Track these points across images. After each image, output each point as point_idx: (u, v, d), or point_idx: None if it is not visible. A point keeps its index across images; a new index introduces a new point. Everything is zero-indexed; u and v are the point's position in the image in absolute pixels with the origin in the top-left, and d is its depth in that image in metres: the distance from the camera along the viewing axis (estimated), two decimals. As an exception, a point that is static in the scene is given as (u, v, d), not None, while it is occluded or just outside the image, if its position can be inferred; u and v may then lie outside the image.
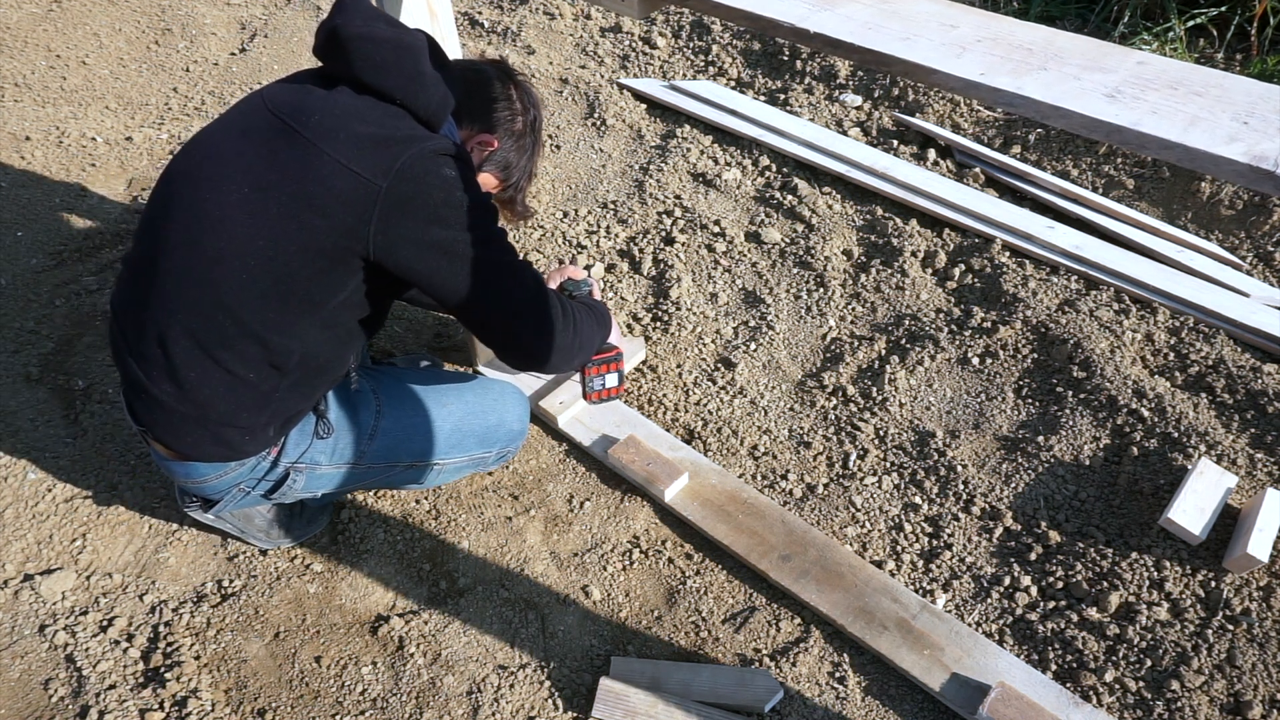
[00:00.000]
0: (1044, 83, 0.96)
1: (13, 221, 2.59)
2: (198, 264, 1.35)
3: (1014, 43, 1.04)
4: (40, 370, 2.16)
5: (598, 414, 2.05)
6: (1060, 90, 0.94)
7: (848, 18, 1.10)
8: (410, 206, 1.30)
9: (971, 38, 1.05)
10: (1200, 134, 0.86)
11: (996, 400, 2.10)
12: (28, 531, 1.83)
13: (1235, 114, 0.89)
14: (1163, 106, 0.90)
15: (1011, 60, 1.00)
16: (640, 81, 3.23)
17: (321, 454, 1.59)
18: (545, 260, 2.52)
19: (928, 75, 1.00)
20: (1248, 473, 1.90)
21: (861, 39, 1.06)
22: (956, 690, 1.55)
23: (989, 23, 1.08)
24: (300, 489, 1.61)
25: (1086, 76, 0.97)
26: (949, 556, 1.80)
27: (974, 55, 1.01)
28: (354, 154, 1.28)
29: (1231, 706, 1.55)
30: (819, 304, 2.37)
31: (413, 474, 1.73)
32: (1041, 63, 1.00)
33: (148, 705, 1.56)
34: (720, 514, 1.83)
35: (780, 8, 1.13)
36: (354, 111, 1.31)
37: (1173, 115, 0.89)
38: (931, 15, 1.10)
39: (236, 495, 1.59)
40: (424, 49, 1.36)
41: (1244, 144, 0.84)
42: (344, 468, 1.63)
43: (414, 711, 1.58)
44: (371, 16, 1.33)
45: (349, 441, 1.61)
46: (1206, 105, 0.90)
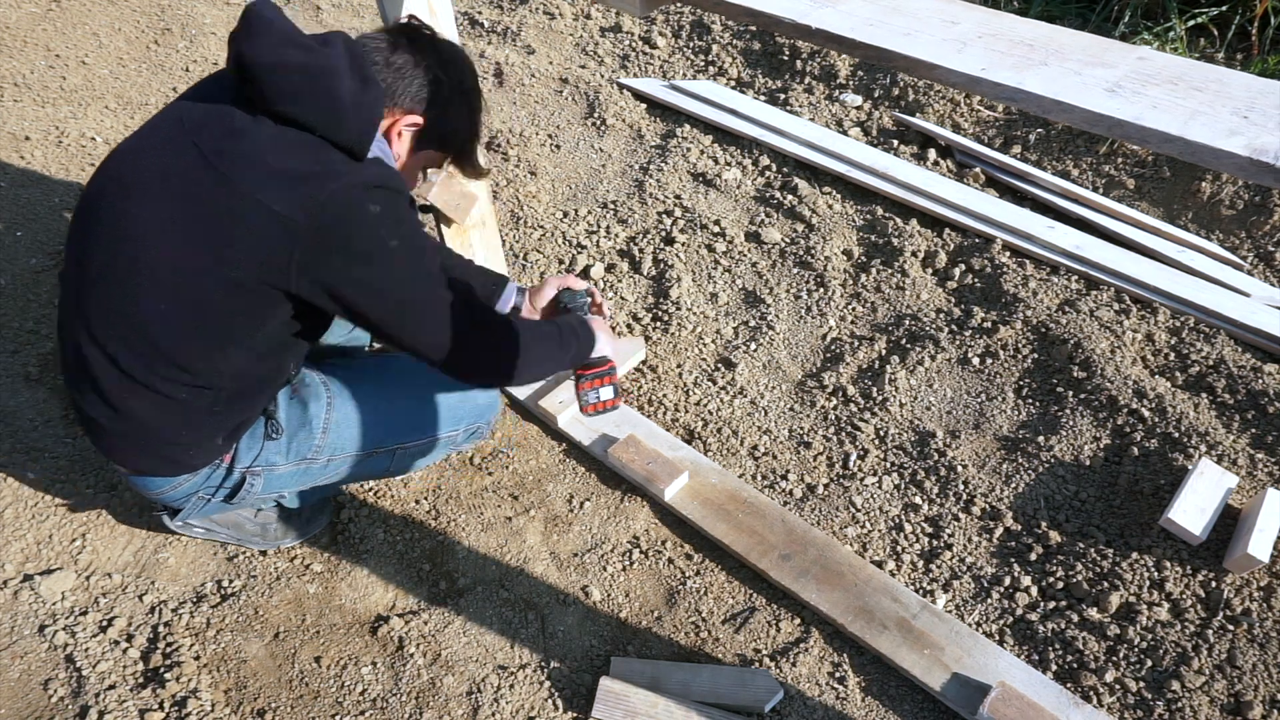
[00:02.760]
0: (1045, 78, 0.96)
1: (13, 221, 2.59)
2: (118, 295, 1.33)
3: (1015, 39, 1.04)
4: (40, 370, 2.16)
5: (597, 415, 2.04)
6: (1062, 85, 0.95)
7: (849, 14, 1.10)
8: (332, 247, 1.25)
9: (973, 34, 1.06)
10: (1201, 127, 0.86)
11: (997, 400, 2.10)
12: (28, 531, 1.82)
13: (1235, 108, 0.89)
14: (1163, 101, 0.91)
15: (1013, 56, 1.01)
16: (640, 81, 3.23)
17: (276, 454, 1.56)
18: (545, 260, 2.52)
19: (930, 71, 1.01)
20: (1248, 473, 1.90)
21: (863, 34, 1.06)
22: (957, 690, 1.55)
23: (990, 19, 1.09)
24: (261, 491, 1.59)
25: (1087, 72, 0.97)
26: (949, 557, 1.80)
27: (975, 51, 1.02)
28: (273, 191, 1.22)
29: (1232, 707, 1.55)
30: (819, 304, 2.36)
31: (377, 462, 1.68)
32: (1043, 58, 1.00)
33: (147, 705, 1.56)
34: (720, 513, 1.83)
35: (781, 4, 1.12)
36: (272, 145, 1.25)
37: (1173, 109, 0.89)
38: (933, 11, 1.10)
39: (197, 503, 1.59)
40: (338, 70, 1.25)
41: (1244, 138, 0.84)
42: (303, 464, 1.60)
43: (414, 711, 1.58)
44: (281, 40, 1.24)
45: (302, 438, 1.58)
46: (1207, 100, 0.91)
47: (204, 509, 1.62)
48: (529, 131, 3.00)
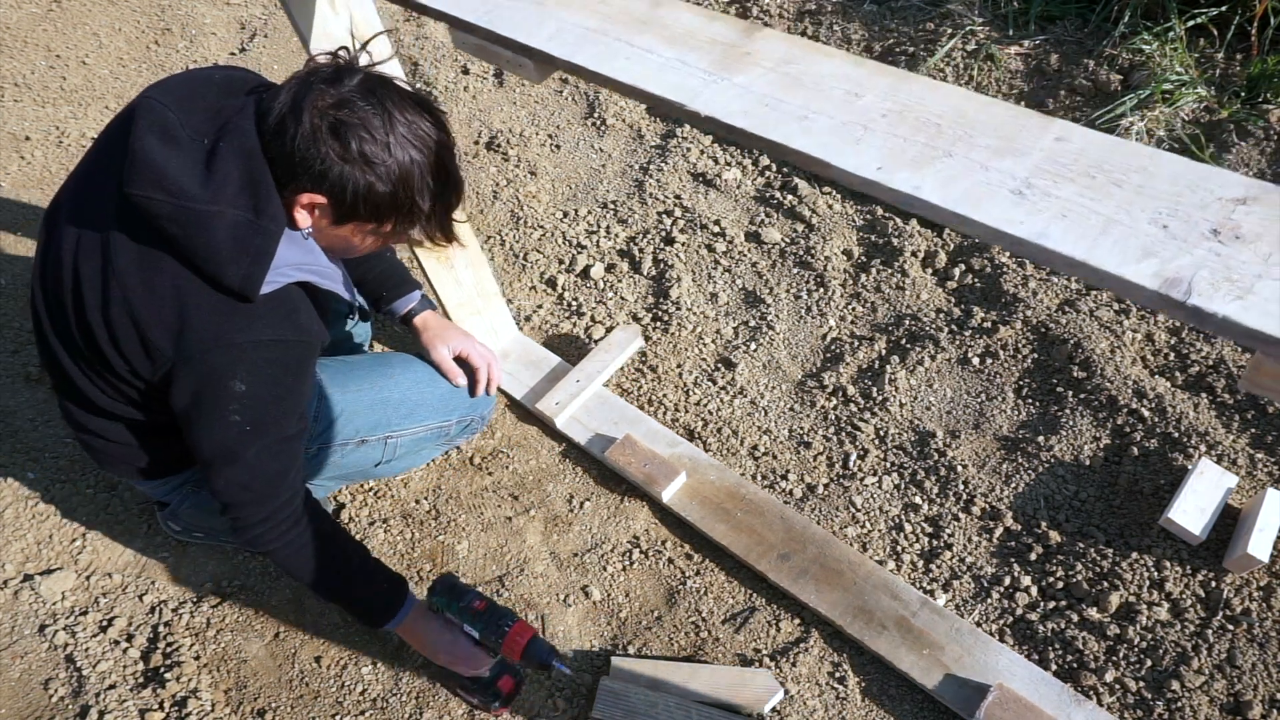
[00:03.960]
0: (946, 176, 0.86)
1: (13, 221, 2.59)
2: (54, 347, 1.35)
3: (922, 117, 0.93)
4: (40, 370, 2.16)
5: (596, 413, 2.04)
6: (963, 187, 0.85)
7: (745, 90, 1.00)
8: (194, 399, 1.24)
9: (876, 111, 0.95)
10: (1110, 246, 0.77)
11: (996, 400, 2.10)
12: (28, 531, 1.82)
13: (1156, 213, 0.79)
14: (1074, 206, 0.81)
15: (915, 143, 0.90)
16: (640, 81, 3.23)
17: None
18: (545, 260, 2.52)
19: (824, 168, 0.91)
20: (1248, 473, 1.90)
21: (757, 123, 0.95)
22: (955, 691, 1.55)
23: (898, 87, 0.98)
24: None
25: (995, 165, 0.87)
26: (949, 556, 1.80)
27: (875, 138, 0.92)
28: (149, 329, 1.20)
29: (1232, 706, 1.55)
30: (819, 304, 2.37)
31: (368, 453, 1.65)
32: (949, 145, 0.89)
33: (148, 705, 1.56)
34: (719, 512, 1.83)
35: (672, 82, 1.03)
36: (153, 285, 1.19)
37: (1084, 219, 0.80)
38: (836, 79, 0.99)
39: (188, 494, 1.61)
40: (210, 217, 1.14)
41: (1157, 260, 0.75)
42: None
43: (414, 711, 1.58)
44: (150, 181, 1.13)
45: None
46: (1125, 200, 0.81)
47: (196, 499, 1.62)
48: (529, 131, 3.00)
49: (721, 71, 1.03)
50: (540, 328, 2.33)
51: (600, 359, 2.12)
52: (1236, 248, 0.75)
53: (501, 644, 1.46)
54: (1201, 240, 0.76)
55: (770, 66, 1.03)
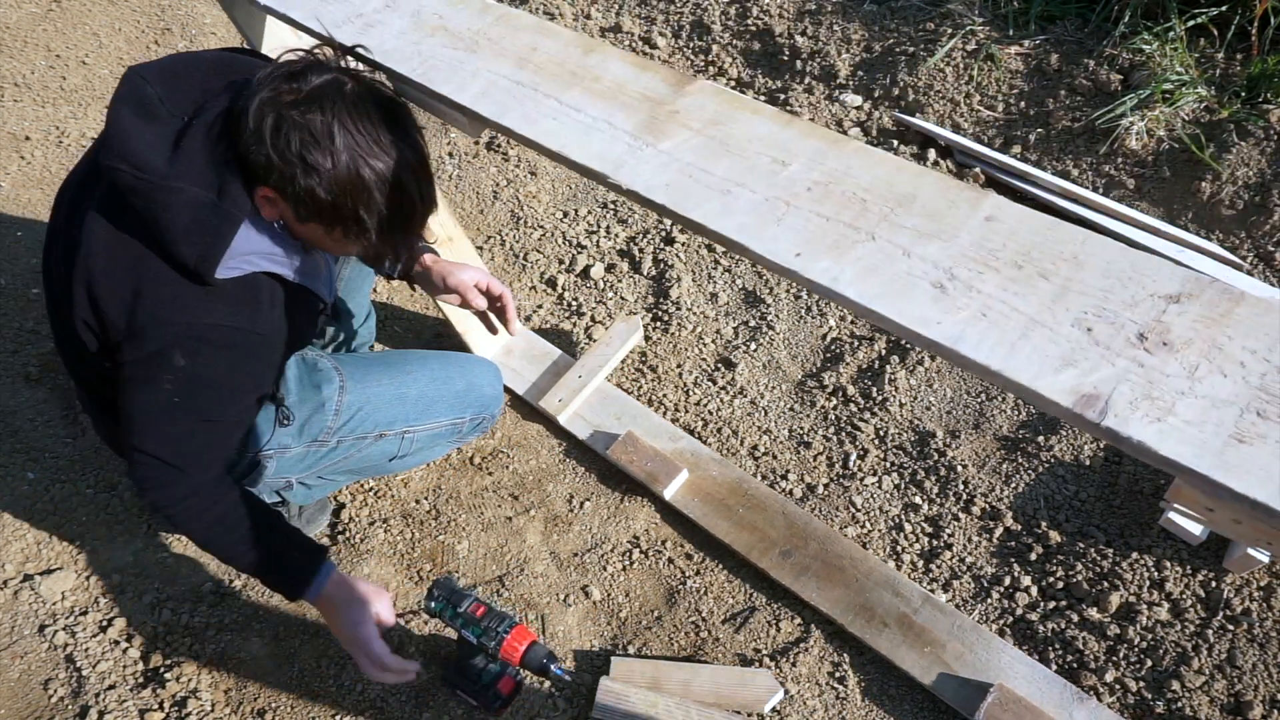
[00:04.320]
0: (867, 266, 0.81)
1: (13, 221, 2.59)
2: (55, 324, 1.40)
3: (848, 191, 0.88)
4: (40, 370, 2.16)
5: (598, 408, 2.04)
6: (883, 279, 0.80)
7: (670, 158, 0.97)
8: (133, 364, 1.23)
9: (802, 183, 0.90)
10: (1029, 353, 0.72)
11: (996, 400, 2.10)
12: (28, 531, 1.82)
13: (1082, 312, 0.73)
14: (995, 304, 0.76)
15: (839, 223, 0.85)
16: (640, 81, 3.23)
17: (288, 437, 1.56)
18: (545, 260, 2.52)
19: (744, 251, 0.88)
20: (1248, 473, 1.90)
21: (678, 198, 0.92)
22: (957, 690, 1.55)
23: (826, 153, 0.93)
24: (273, 473, 1.59)
25: (918, 250, 0.82)
26: (949, 556, 1.80)
27: (797, 217, 0.87)
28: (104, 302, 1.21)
29: (1232, 706, 1.55)
30: (819, 304, 2.36)
31: (385, 447, 1.66)
32: (873, 226, 0.84)
33: (147, 705, 1.56)
34: (721, 509, 1.83)
35: (597, 149, 1.00)
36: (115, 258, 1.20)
37: (1005, 319, 0.75)
38: (765, 145, 0.95)
39: None
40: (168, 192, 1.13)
41: (1077, 371, 0.70)
42: (314, 446, 1.59)
43: (414, 711, 1.58)
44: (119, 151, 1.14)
45: (315, 421, 1.57)
46: (1050, 296, 0.75)
47: None
48: (529, 131, 3.00)
49: (648, 135, 1.00)
50: (540, 327, 2.33)
51: (602, 353, 2.13)
52: (1162, 356, 0.70)
53: (500, 649, 1.46)
54: (1126, 347, 0.71)
55: (698, 129, 0.99)
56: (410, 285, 1.72)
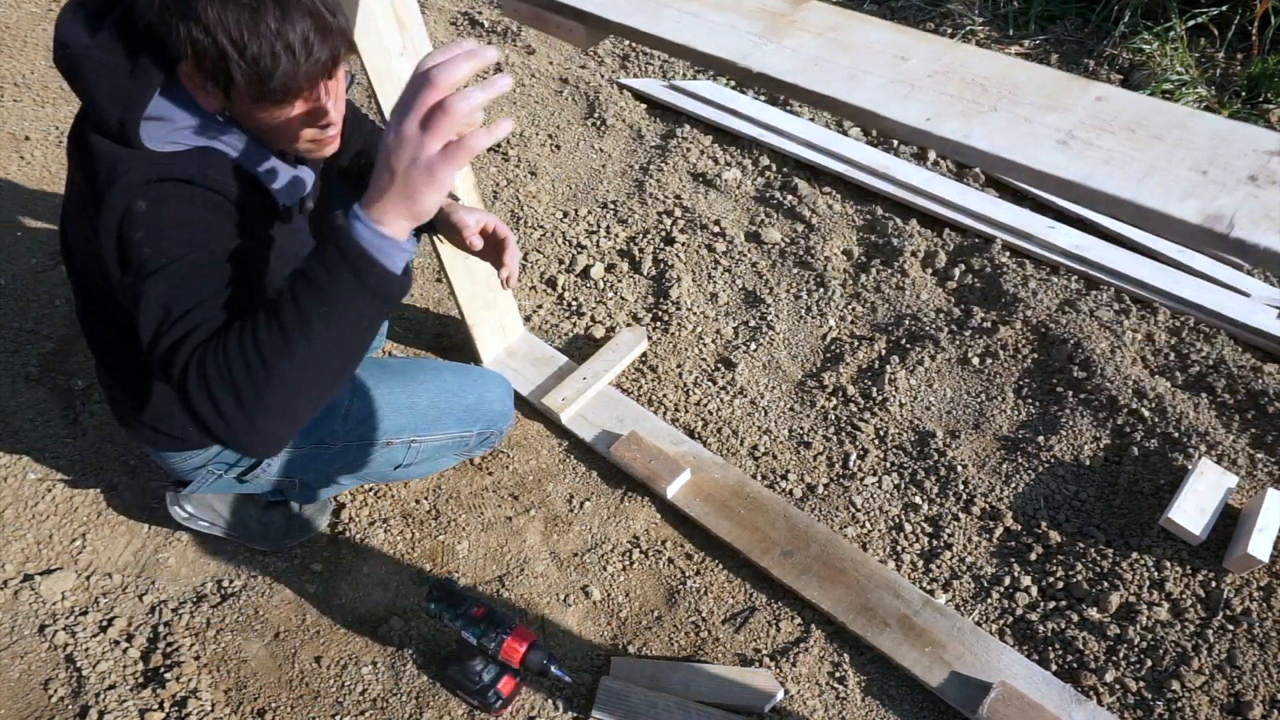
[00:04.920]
0: (994, 128, 0.90)
1: (13, 221, 2.59)
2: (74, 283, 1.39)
3: (967, 77, 0.98)
4: (40, 370, 2.16)
5: (600, 409, 2.05)
6: (1010, 137, 0.89)
7: (794, 52, 1.04)
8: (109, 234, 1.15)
9: (922, 72, 0.99)
10: (1154, 188, 0.81)
11: (996, 400, 2.10)
12: (27, 531, 1.82)
13: (1195, 162, 0.83)
14: (1117, 154, 0.85)
15: (962, 100, 0.95)
16: (640, 81, 3.23)
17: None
18: (545, 260, 2.52)
19: (875, 120, 0.95)
20: (1248, 473, 1.90)
21: (807, 79, 1.00)
22: (957, 688, 1.55)
23: (942, 53, 1.03)
24: (275, 473, 1.58)
25: (1039, 118, 0.91)
26: (949, 556, 1.80)
27: (923, 95, 0.96)
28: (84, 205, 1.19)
29: (1232, 707, 1.55)
30: (819, 304, 2.36)
31: (391, 454, 1.66)
32: (994, 101, 0.94)
33: (147, 705, 1.56)
34: (723, 510, 1.83)
35: (723, 44, 1.07)
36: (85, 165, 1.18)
37: (1127, 165, 0.84)
38: (883, 45, 1.04)
39: (206, 477, 1.58)
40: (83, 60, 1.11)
41: (1199, 200, 0.79)
42: (318, 448, 1.58)
43: (414, 711, 1.58)
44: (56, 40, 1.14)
45: (324, 423, 1.56)
46: (1165, 152, 0.85)
47: (213, 484, 1.62)
48: (529, 131, 3.00)
49: (770, 36, 1.08)
50: (540, 327, 2.33)
51: (607, 358, 2.13)
52: (1274, 191, 0.79)
53: (500, 650, 1.46)
54: (1240, 185, 0.80)
55: (817, 33, 1.07)
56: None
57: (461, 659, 1.56)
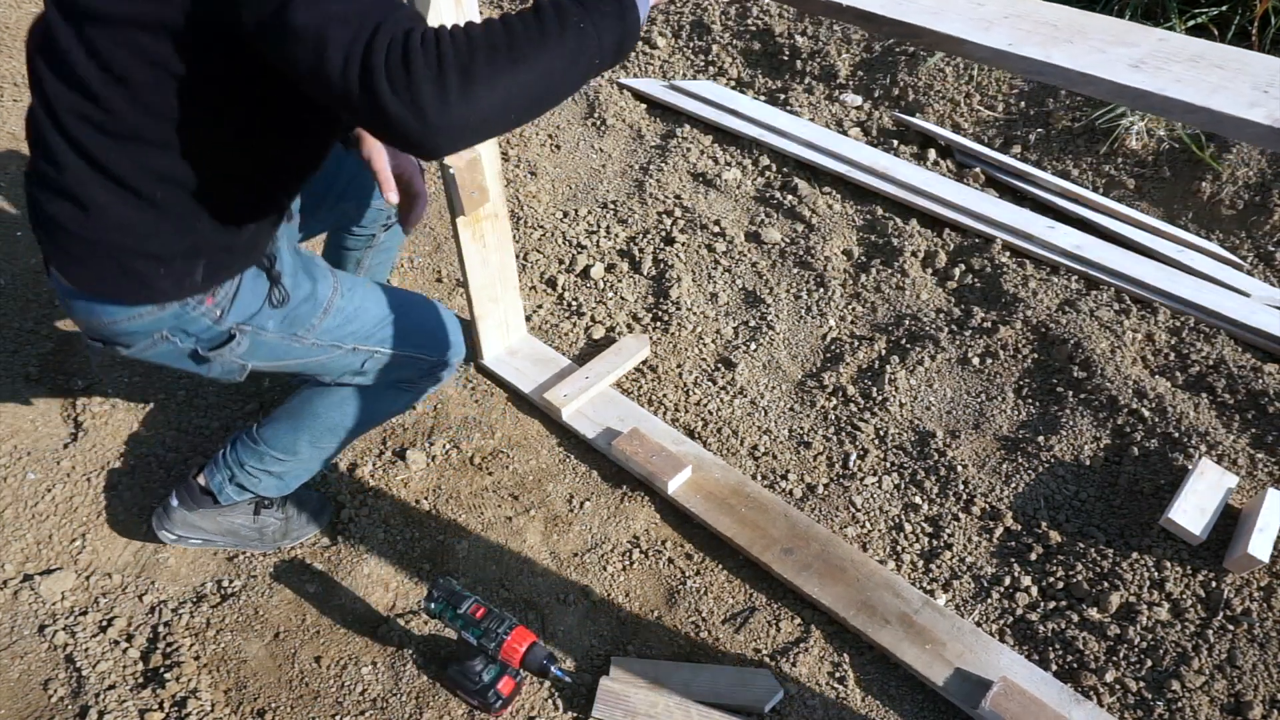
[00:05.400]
0: (1071, 54, 1.01)
1: (13, 221, 2.59)
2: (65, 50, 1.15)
3: (1040, 19, 1.09)
4: (40, 370, 2.16)
5: (602, 408, 2.05)
6: (1087, 60, 0.99)
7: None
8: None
9: (998, 14, 1.11)
10: (1223, 99, 0.91)
11: (996, 400, 2.10)
12: (27, 531, 1.82)
13: (1256, 84, 0.93)
14: (1186, 76, 0.95)
15: (1038, 34, 1.05)
16: (640, 81, 3.23)
17: (270, 319, 1.44)
18: (545, 260, 2.52)
19: (958, 46, 1.06)
20: (1248, 473, 1.90)
21: (893, 11, 1.11)
22: (959, 685, 1.55)
23: (1014, 2, 1.14)
24: (241, 353, 1.45)
25: (1111, 50, 1.02)
26: (949, 556, 1.80)
27: (1002, 29, 1.07)
28: None
29: (1232, 707, 1.55)
30: (819, 304, 2.37)
31: (352, 359, 1.58)
32: (1068, 37, 1.05)
33: (147, 705, 1.56)
34: (723, 507, 1.83)
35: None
36: None
37: (1196, 84, 0.94)
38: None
39: (155, 344, 1.39)
40: None
41: (1265, 109, 0.89)
42: (289, 340, 1.48)
43: (414, 711, 1.58)
44: None
45: (305, 311, 1.48)
46: (1228, 76, 0.95)
47: (160, 353, 1.42)
48: (529, 131, 3.00)
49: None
50: (540, 327, 2.33)
51: (609, 360, 2.13)
52: None
53: (500, 650, 1.46)
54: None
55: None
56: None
57: (461, 659, 1.56)
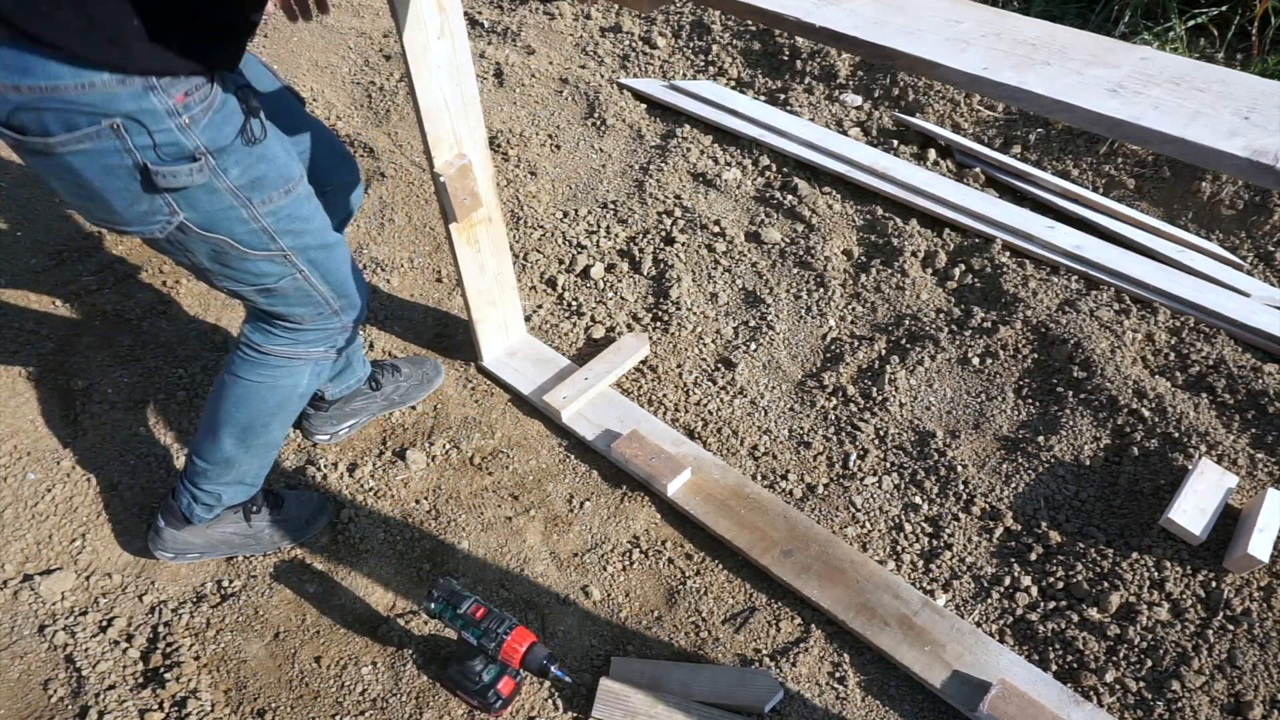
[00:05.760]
0: (1047, 77, 0.97)
1: (13, 221, 2.59)
2: None
3: (1018, 38, 1.05)
4: (40, 370, 2.16)
5: (601, 409, 2.05)
6: (1063, 85, 0.96)
7: (852, 12, 1.11)
8: None
9: (975, 33, 1.07)
10: (1201, 128, 0.87)
11: (996, 400, 2.10)
12: (27, 531, 1.82)
13: (1237, 109, 0.89)
14: (1165, 101, 0.92)
15: (1015, 55, 1.02)
16: (640, 81, 3.23)
17: (236, 164, 1.25)
18: (545, 260, 2.52)
19: (931, 70, 1.02)
20: (1248, 473, 1.90)
21: (866, 33, 1.07)
22: (957, 687, 1.55)
23: (993, 19, 1.10)
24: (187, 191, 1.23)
25: (1089, 72, 0.98)
26: (949, 556, 1.80)
27: (978, 50, 1.03)
28: None
29: (1232, 707, 1.55)
30: (819, 304, 2.36)
31: (271, 269, 1.42)
32: (1045, 58, 1.01)
33: (147, 705, 1.56)
34: (722, 509, 1.83)
35: (786, 2, 1.13)
36: None
37: (1175, 110, 0.90)
38: (936, 10, 1.11)
39: (97, 134, 1.11)
40: None
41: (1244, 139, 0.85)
42: (238, 204, 1.29)
43: (414, 711, 1.58)
44: None
45: (269, 177, 1.32)
46: (1208, 101, 0.91)
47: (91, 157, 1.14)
48: (529, 131, 3.00)
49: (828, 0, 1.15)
50: (540, 327, 2.33)
51: (609, 360, 2.13)
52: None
53: (500, 650, 1.46)
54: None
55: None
56: None
57: (461, 659, 1.56)
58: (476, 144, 1.77)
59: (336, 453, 2.01)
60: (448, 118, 1.67)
